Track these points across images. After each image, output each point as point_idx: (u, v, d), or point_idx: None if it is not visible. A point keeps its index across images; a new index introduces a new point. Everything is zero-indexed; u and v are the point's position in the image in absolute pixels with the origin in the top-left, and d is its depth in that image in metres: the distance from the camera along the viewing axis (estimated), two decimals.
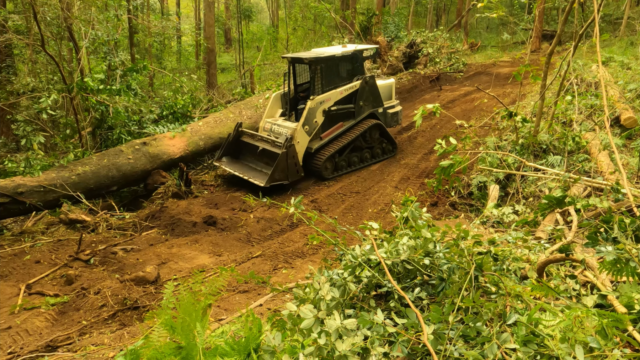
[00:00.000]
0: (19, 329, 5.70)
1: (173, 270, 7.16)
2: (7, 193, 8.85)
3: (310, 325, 2.35)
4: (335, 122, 11.19)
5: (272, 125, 11.18)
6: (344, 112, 11.28)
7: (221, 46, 33.34)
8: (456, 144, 4.27)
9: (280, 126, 10.96)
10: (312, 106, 10.58)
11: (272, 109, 11.70)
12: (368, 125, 11.52)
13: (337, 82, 11.15)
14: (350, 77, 11.40)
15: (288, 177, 10.26)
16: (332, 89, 10.98)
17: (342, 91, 11.11)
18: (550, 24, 27.32)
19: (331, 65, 10.98)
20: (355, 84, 11.29)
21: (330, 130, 11.10)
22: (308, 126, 10.61)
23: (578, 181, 3.93)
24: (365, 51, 11.59)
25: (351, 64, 11.39)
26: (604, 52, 16.32)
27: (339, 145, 11.06)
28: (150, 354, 2.58)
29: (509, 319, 2.42)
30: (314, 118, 10.68)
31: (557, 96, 9.78)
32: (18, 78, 13.47)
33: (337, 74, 11.15)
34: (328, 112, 10.91)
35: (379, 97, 11.90)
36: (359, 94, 11.37)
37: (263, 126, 11.45)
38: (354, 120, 11.44)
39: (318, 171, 10.85)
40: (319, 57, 10.66)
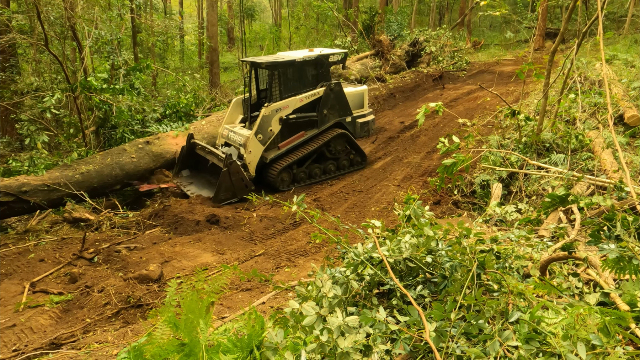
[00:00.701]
0: (23, 326, 5.74)
1: (176, 269, 7.18)
2: (11, 192, 8.90)
3: (312, 322, 2.36)
4: (297, 131, 10.56)
5: (229, 132, 10.62)
6: (306, 121, 10.61)
7: (224, 45, 33.38)
8: (459, 142, 4.27)
9: (236, 133, 10.37)
10: (266, 114, 9.96)
11: (232, 115, 11.13)
12: (332, 135, 10.85)
13: (298, 89, 10.49)
14: (315, 84, 10.73)
15: (235, 194, 9.78)
16: (291, 96, 10.31)
17: (302, 98, 10.41)
18: (553, 22, 27.24)
19: (291, 71, 10.33)
20: (318, 91, 10.59)
21: (290, 139, 10.46)
22: (262, 135, 9.99)
23: (581, 179, 3.92)
24: (332, 56, 10.88)
25: (315, 70, 10.67)
26: (608, 50, 16.25)
27: (297, 156, 10.43)
28: (153, 351, 2.59)
29: (511, 316, 2.42)
30: (268, 126, 10.04)
31: (561, 94, 9.76)
32: (22, 77, 13.52)
33: (298, 80, 10.48)
34: (286, 120, 10.25)
35: (346, 105, 11.16)
36: (323, 102, 10.66)
37: (221, 132, 10.91)
38: (317, 130, 10.76)
39: (273, 183, 10.26)
40: (276, 62, 10.02)
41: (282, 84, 10.23)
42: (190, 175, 10.99)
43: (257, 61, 10.37)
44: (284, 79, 10.27)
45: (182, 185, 10.52)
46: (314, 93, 10.57)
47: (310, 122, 10.73)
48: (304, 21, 29.46)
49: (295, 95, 10.38)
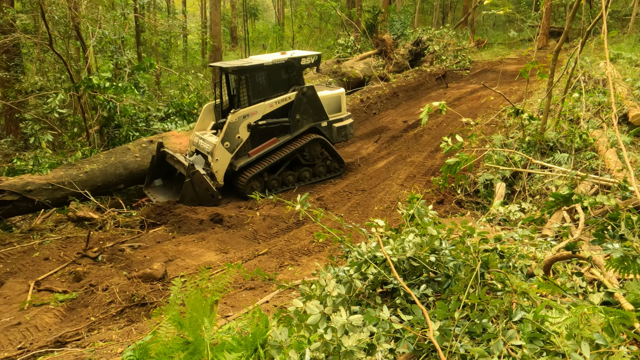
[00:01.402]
0: (28, 324, 5.77)
1: (180, 268, 7.21)
2: (16, 191, 8.94)
3: (316, 321, 2.37)
4: (268, 138, 10.23)
5: (199, 139, 10.39)
6: (277, 127, 10.28)
7: (227, 44, 33.41)
8: (462, 141, 4.27)
9: (205, 141, 10.13)
10: (232, 120, 9.66)
11: (203, 121, 10.86)
12: (306, 140, 10.51)
13: (268, 94, 10.13)
14: (287, 88, 10.38)
15: (202, 204, 9.55)
16: (260, 101, 10.00)
17: (272, 103, 10.10)
18: (557, 21, 27.14)
19: (259, 75, 9.98)
20: (289, 95, 10.27)
21: (261, 146, 10.14)
22: (229, 142, 9.71)
23: (585, 179, 3.92)
24: (304, 59, 10.51)
25: (287, 73, 10.31)
26: (612, 49, 16.20)
27: (268, 163, 10.15)
28: (158, 349, 2.61)
29: (515, 315, 2.43)
30: (236, 133, 9.74)
31: (565, 93, 9.73)
32: (26, 77, 13.59)
33: (267, 85, 10.12)
34: (255, 126, 9.94)
35: (321, 110, 10.76)
36: (295, 107, 10.32)
37: (192, 140, 10.69)
38: (289, 136, 10.43)
39: (242, 191, 9.98)
40: (243, 67, 9.71)
41: (251, 89, 9.93)
42: (163, 185, 10.68)
43: (224, 66, 10.08)
44: (252, 84, 9.95)
45: (152, 196, 10.23)
46: (284, 98, 10.24)
47: (283, 127, 10.41)
48: (307, 20, 29.46)
49: (265, 100, 10.07)
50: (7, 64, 13.72)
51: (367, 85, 17.85)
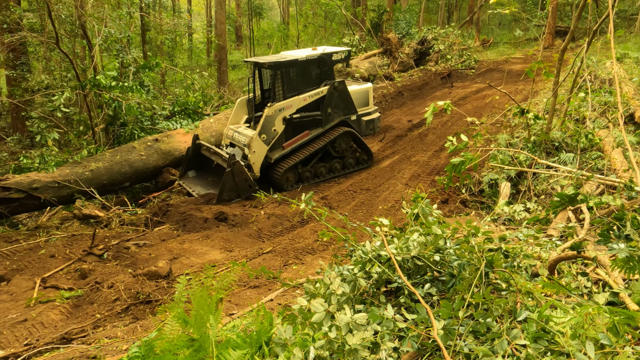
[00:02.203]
0: (34, 321, 5.82)
1: (185, 265, 7.24)
2: (22, 188, 9.01)
3: (321, 319, 2.38)
4: (301, 131, 10.51)
5: (233, 132, 10.67)
6: (309, 120, 10.56)
7: (232, 43, 33.46)
8: (467, 141, 4.26)
9: (240, 134, 10.40)
10: (269, 114, 9.94)
11: (236, 115, 11.15)
12: (337, 133, 10.83)
13: (302, 88, 10.44)
14: (318, 82, 10.71)
15: (239, 194, 9.83)
16: (294, 95, 10.27)
17: (306, 97, 10.37)
18: (563, 20, 27.00)
19: (293, 70, 10.32)
20: (322, 90, 10.55)
21: (294, 139, 10.43)
22: (266, 135, 10.00)
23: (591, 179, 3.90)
24: (335, 54, 10.86)
25: (318, 68, 10.66)
26: (619, 48, 16.11)
27: (302, 156, 10.41)
28: (163, 346, 2.63)
29: (520, 315, 2.43)
30: (272, 126, 10.03)
31: (570, 93, 9.69)
32: (32, 75, 13.66)
33: (301, 79, 10.45)
34: (290, 120, 10.21)
35: (351, 104, 11.08)
36: (327, 100, 10.63)
37: (226, 133, 10.98)
38: (321, 129, 10.73)
39: (277, 183, 10.25)
40: (279, 62, 10.01)
41: (285, 84, 10.22)
42: (196, 176, 11.03)
43: (259, 61, 10.35)
44: (287, 79, 10.24)
45: (188, 186, 10.54)
46: (317, 92, 10.52)
47: (315, 121, 10.69)
48: (312, 19, 29.45)
49: (299, 94, 10.34)
50: (13, 63, 13.80)
51: (372, 84, 17.81)
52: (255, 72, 11.01)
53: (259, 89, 11.24)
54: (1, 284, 6.87)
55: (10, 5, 12.79)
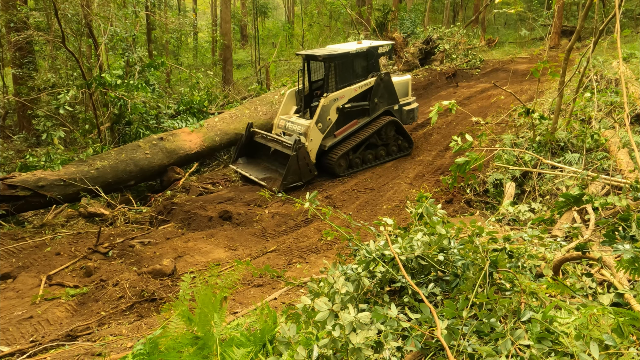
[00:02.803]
0: (40, 318, 5.86)
1: (189, 264, 7.26)
2: (28, 186, 9.06)
3: (324, 317, 2.38)
4: (350, 120, 11.09)
5: (286, 122, 11.15)
6: (358, 110, 11.15)
7: (237, 42, 33.50)
8: (472, 141, 4.26)
9: (294, 123, 10.92)
10: (325, 103, 10.50)
11: (286, 106, 11.67)
12: (383, 122, 11.37)
13: (352, 79, 11.02)
14: (365, 74, 11.25)
15: (301, 178, 10.29)
16: (346, 86, 10.86)
17: (356, 88, 10.97)
18: (570, 20, 26.86)
19: (345, 62, 10.86)
20: (369, 81, 11.15)
21: (345, 127, 11.01)
22: (321, 124, 10.55)
23: (596, 179, 3.89)
24: (381, 47, 11.44)
25: (366, 61, 11.22)
26: (625, 48, 16.01)
27: (353, 143, 10.98)
28: (168, 344, 2.64)
29: (524, 315, 2.42)
30: (327, 115, 10.60)
31: (576, 93, 9.65)
32: (39, 74, 13.74)
33: (351, 71, 11.02)
34: (342, 109, 10.80)
35: (394, 94, 11.68)
36: (374, 91, 11.21)
37: (277, 123, 11.43)
38: (368, 118, 11.30)
39: (331, 168, 10.83)
40: (332, 54, 10.55)
41: (338, 75, 10.78)
42: (246, 162, 11.46)
43: (313, 54, 10.96)
44: (339, 71, 10.79)
45: (244, 171, 11.05)
46: (366, 83, 11.13)
47: (362, 110, 11.28)
48: (317, 18, 29.43)
49: (349, 85, 10.93)
50: (20, 61, 13.88)
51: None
52: (305, 65, 11.53)
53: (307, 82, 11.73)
54: (7, 281, 6.92)
55: (17, 4, 12.86)
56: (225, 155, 13.44)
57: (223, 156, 13.38)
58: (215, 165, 13.11)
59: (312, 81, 11.84)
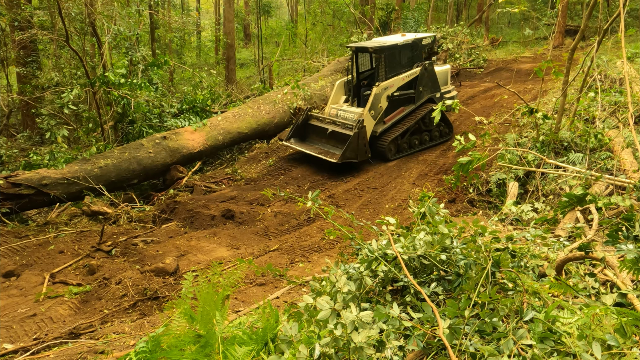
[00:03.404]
0: (43, 316, 5.88)
1: (192, 262, 7.27)
2: (32, 185, 9.09)
3: (326, 316, 2.38)
4: (397, 107, 11.81)
5: (337, 110, 11.98)
6: (405, 98, 11.89)
7: (240, 42, 33.51)
8: (475, 140, 4.25)
9: (347, 111, 11.76)
10: (377, 92, 11.25)
11: (336, 96, 12.50)
12: (428, 109, 11.98)
13: (399, 69, 11.78)
14: (411, 64, 12.02)
15: (357, 156, 10.95)
16: (394, 76, 11.62)
17: (404, 77, 11.73)
18: (574, 19, 26.74)
19: (394, 54, 11.67)
20: (415, 71, 11.89)
21: (393, 114, 11.73)
22: (374, 111, 11.28)
23: (600, 179, 3.88)
24: (424, 39, 12.33)
25: (411, 52, 12.04)
26: (630, 47, 15.93)
27: (401, 129, 11.67)
28: (170, 342, 2.65)
29: (526, 315, 2.42)
30: (379, 103, 11.33)
31: (580, 92, 9.61)
32: (43, 73, 13.78)
33: (398, 62, 11.82)
34: (391, 97, 11.54)
35: (436, 83, 12.44)
36: (419, 80, 11.95)
37: (329, 112, 12.24)
38: (413, 105, 12.01)
39: (383, 152, 11.51)
40: (382, 46, 11.36)
41: (387, 66, 11.57)
42: (298, 142, 12.17)
43: (364, 46, 11.89)
44: (388, 61, 11.60)
45: (299, 147, 11.84)
46: (412, 72, 11.87)
47: (408, 98, 12.01)
48: (320, 18, 29.41)
49: (397, 75, 11.69)
50: (24, 60, 13.92)
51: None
52: (354, 57, 12.29)
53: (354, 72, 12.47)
54: (11, 279, 6.95)
55: (21, 3, 12.90)
56: (228, 154, 13.45)
57: (226, 155, 13.40)
58: (218, 164, 13.12)
59: (360, 72, 12.63)
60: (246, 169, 12.20)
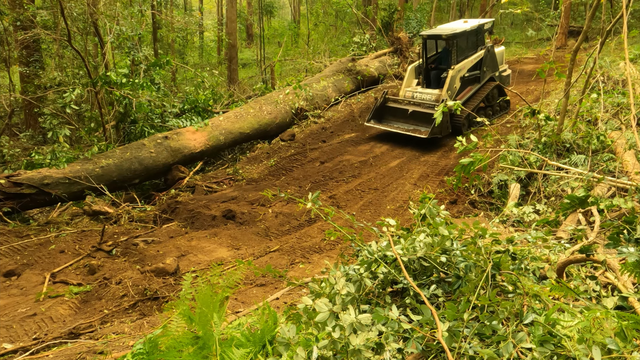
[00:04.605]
0: (43, 316, 5.88)
1: (192, 263, 7.27)
2: (33, 184, 9.11)
3: (325, 318, 2.37)
4: (466, 87, 12.89)
5: (413, 93, 13.12)
6: (472, 78, 13.01)
7: (243, 42, 33.54)
8: (477, 141, 4.23)
9: (422, 93, 12.92)
10: (453, 74, 12.38)
11: (408, 80, 13.63)
12: (491, 87, 13.15)
13: (467, 53, 12.89)
14: (475, 47, 13.13)
15: (442, 131, 11.99)
16: (464, 59, 12.74)
17: (472, 60, 12.88)
18: (577, 20, 26.68)
19: (462, 39, 12.81)
20: (480, 53, 13.07)
21: (463, 93, 12.79)
22: (450, 91, 12.37)
23: (602, 181, 3.85)
24: (486, 24, 13.63)
25: (476, 36, 13.18)
26: (633, 49, 15.86)
27: (472, 106, 12.54)
28: (168, 343, 2.63)
29: (526, 318, 2.40)
30: (454, 84, 12.44)
31: (582, 94, 9.57)
32: (45, 72, 13.80)
33: (467, 46, 12.94)
34: (463, 78, 12.68)
35: (496, 63, 13.71)
36: (483, 61, 13.14)
37: (404, 94, 13.34)
38: (478, 84, 13.13)
39: (459, 127, 12.38)
40: (455, 33, 12.50)
41: (458, 50, 12.70)
42: (376, 122, 13.20)
43: (437, 33, 12.97)
44: (459, 46, 12.72)
45: (382, 126, 12.94)
46: (478, 55, 13.05)
47: (474, 78, 13.12)
48: (323, 18, 29.39)
49: (466, 58, 12.82)
50: (27, 60, 13.95)
51: (381, 83, 17.75)
52: (425, 43, 13.34)
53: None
54: (11, 279, 6.95)
55: (24, 3, 12.92)
56: (229, 154, 13.45)
57: (227, 155, 13.39)
58: (219, 164, 13.12)
59: (429, 57, 13.72)
60: (247, 169, 12.19)
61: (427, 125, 11.94)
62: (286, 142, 13.39)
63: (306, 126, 14.39)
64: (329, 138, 13.57)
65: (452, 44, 12.69)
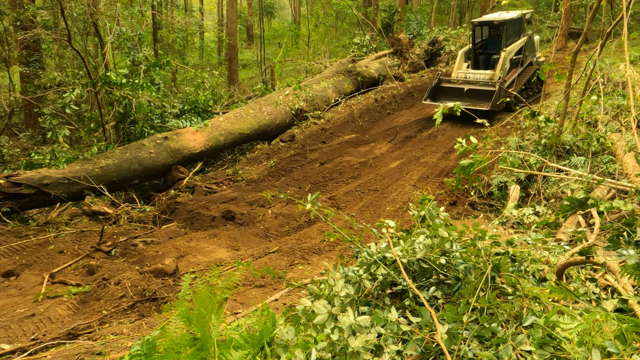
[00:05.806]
0: (42, 316, 5.87)
1: (191, 264, 7.26)
2: (33, 184, 9.10)
3: (323, 320, 2.36)
4: (511, 69, 14.07)
5: (465, 74, 14.33)
6: (515, 61, 14.25)
7: (243, 42, 33.55)
8: (477, 143, 4.22)
9: (475, 73, 14.17)
10: (505, 56, 13.59)
11: (459, 63, 14.80)
12: (531, 71, 14.49)
13: (513, 38, 14.13)
14: (518, 34, 14.43)
15: (498, 106, 12.84)
16: (511, 44, 13.96)
17: (517, 44, 14.17)
18: (577, 22, 26.70)
19: (510, 25, 13.99)
20: (523, 39, 14.42)
21: (509, 74, 13.94)
22: (502, 72, 13.48)
23: (602, 183, 3.84)
24: (527, 14, 14.91)
25: (519, 24, 14.45)
26: (633, 50, 15.87)
27: (518, 86, 13.74)
28: (166, 345, 2.62)
29: (526, 320, 2.39)
30: (505, 65, 13.61)
31: (582, 96, 9.56)
32: (45, 72, 13.80)
33: (513, 32, 14.16)
34: (511, 60, 13.94)
35: (534, 49, 15.14)
36: (526, 46, 14.50)
37: (456, 76, 14.52)
38: (520, 68, 14.39)
39: (509, 104, 13.27)
40: (505, 20, 13.77)
41: (507, 35, 13.90)
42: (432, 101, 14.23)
43: (488, 20, 14.43)
44: (507, 32, 13.92)
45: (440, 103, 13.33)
46: (522, 41, 14.38)
47: (517, 62, 14.37)
48: (323, 19, 29.41)
49: (512, 43, 14.06)
50: (27, 60, 13.95)
51: (381, 84, 17.76)
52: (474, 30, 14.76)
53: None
54: (10, 279, 6.94)
55: (24, 3, 12.92)
56: (229, 155, 13.45)
57: (227, 156, 13.39)
58: (219, 164, 13.11)
59: (476, 42, 14.99)
60: (247, 169, 12.19)
61: (483, 101, 12.99)
62: (286, 143, 13.39)
63: (306, 127, 14.39)
64: (329, 139, 13.57)
65: (502, 29, 13.88)
